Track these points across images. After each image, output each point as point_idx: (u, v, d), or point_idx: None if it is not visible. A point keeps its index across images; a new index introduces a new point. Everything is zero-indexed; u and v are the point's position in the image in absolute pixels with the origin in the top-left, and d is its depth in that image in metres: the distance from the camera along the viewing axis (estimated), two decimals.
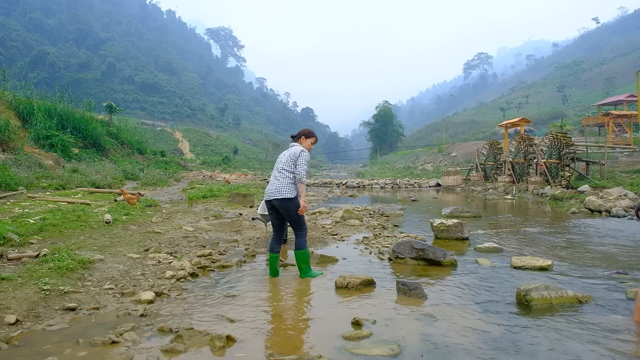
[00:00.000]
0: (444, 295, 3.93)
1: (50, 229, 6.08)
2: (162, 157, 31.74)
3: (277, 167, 4.50)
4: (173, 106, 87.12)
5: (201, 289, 4.06)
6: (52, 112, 20.68)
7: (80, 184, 12.90)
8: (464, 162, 32.03)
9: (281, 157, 4.54)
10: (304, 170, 4.36)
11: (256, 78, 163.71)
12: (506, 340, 2.92)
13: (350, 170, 63.58)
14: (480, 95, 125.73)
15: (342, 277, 4.19)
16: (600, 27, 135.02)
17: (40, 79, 66.60)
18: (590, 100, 60.08)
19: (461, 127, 66.86)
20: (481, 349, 2.79)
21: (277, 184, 4.38)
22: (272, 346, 2.79)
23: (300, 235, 4.48)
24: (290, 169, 4.38)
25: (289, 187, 4.35)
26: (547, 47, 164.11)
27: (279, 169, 4.44)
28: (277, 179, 4.41)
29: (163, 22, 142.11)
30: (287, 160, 4.43)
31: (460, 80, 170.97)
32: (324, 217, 9.64)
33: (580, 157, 18.05)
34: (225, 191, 13.92)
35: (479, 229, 8.01)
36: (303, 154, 4.41)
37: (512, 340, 2.91)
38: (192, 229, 7.29)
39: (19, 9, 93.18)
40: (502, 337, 2.96)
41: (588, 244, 6.59)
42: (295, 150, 4.45)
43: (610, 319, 3.29)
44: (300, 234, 4.48)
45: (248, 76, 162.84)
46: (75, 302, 3.50)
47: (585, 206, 10.99)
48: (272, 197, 4.38)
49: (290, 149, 4.50)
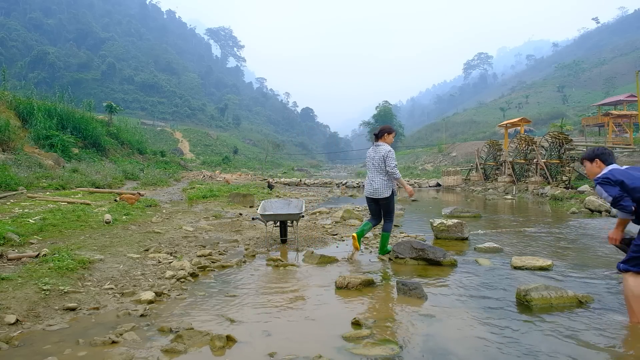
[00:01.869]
0: (444, 295, 3.93)
1: (50, 229, 6.08)
2: (162, 157, 31.74)
3: (371, 168, 5.24)
4: (173, 106, 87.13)
5: (201, 289, 4.07)
6: (52, 112, 20.67)
7: (80, 184, 12.90)
8: (464, 162, 32.05)
9: (372, 158, 5.26)
10: (395, 166, 5.12)
11: (256, 78, 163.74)
12: (506, 340, 2.92)
13: (350, 170, 63.51)
14: (480, 95, 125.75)
15: (342, 277, 4.19)
16: (600, 27, 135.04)
17: (40, 79, 66.61)
18: (590, 100, 60.10)
19: (461, 127, 66.87)
20: (481, 349, 2.79)
21: (374, 186, 5.22)
22: (272, 346, 2.78)
23: (389, 220, 5.41)
24: (382, 169, 5.14)
25: (385, 187, 5.18)
26: (547, 47, 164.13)
27: (373, 170, 5.22)
28: (374, 181, 5.23)
29: (163, 22, 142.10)
30: (378, 162, 5.17)
31: (460, 80, 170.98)
32: (324, 217, 9.64)
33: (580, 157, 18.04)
34: (225, 191, 13.91)
35: (479, 229, 8.01)
36: (390, 154, 5.13)
37: (512, 341, 2.90)
38: (192, 229, 7.29)
39: (19, 9, 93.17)
40: (502, 337, 2.95)
41: (588, 244, 6.59)
42: (383, 151, 5.16)
43: (610, 319, 3.29)
44: (389, 220, 5.41)
45: (248, 76, 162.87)
46: (75, 302, 3.50)
47: (585, 206, 10.98)
48: (372, 196, 5.29)
49: (378, 150, 5.21)
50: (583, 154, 3.48)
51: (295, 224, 6.27)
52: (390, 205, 5.29)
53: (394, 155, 5.18)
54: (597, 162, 3.31)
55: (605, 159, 3.28)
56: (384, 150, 5.15)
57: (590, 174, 3.37)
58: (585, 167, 3.44)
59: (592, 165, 3.34)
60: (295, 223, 6.24)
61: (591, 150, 3.39)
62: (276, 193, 16.12)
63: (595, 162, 3.32)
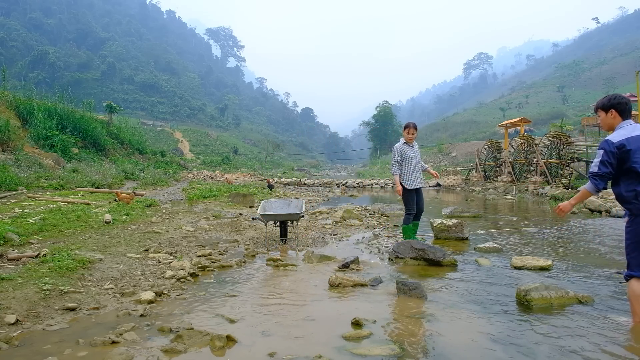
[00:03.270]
0: (444, 295, 3.93)
1: (50, 229, 6.08)
2: (162, 157, 31.74)
3: (415, 163, 6.08)
4: (173, 106, 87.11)
5: (201, 289, 4.06)
6: (52, 112, 20.67)
7: (80, 184, 12.90)
8: (464, 162, 32.04)
9: (415, 156, 6.14)
10: (393, 163, 6.16)
11: (256, 78, 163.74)
12: (506, 340, 2.91)
13: (350, 170, 63.51)
14: (480, 95, 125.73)
15: (342, 277, 4.19)
16: (600, 27, 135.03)
17: (40, 79, 66.59)
18: (590, 100, 60.06)
19: (461, 127, 66.83)
20: (481, 349, 2.79)
21: (420, 178, 6.17)
22: (272, 346, 2.78)
23: (405, 213, 6.35)
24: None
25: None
26: (547, 47, 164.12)
27: (417, 165, 6.11)
28: (419, 175, 6.17)
29: (163, 22, 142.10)
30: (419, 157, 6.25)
31: (460, 80, 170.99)
32: (324, 217, 9.63)
33: (580, 157, 18.06)
34: (225, 191, 13.91)
35: (479, 229, 8.01)
36: (392, 151, 6.34)
37: (512, 341, 2.90)
38: (192, 229, 7.29)
39: (19, 9, 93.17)
40: (502, 337, 2.95)
41: (588, 244, 6.59)
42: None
43: (610, 319, 3.29)
44: (405, 212, 6.39)
45: (248, 76, 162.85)
46: (75, 302, 3.50)
47: (585, 206, 10.98)
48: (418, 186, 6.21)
49: (416, 147, 6.24)
50: (597, 102, 3.14)
51: (295, 224, 6.27)
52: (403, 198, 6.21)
53: (394, 151, 6.10)
54: (612, 113, 3.00)
55: (622, 109, 2.96)
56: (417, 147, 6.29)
57: (604, 125, 3.06)
58: (599, 117, 3.10)
59: (607, 115, 3.02)
60: (295, 223, 6.24)
61: (607, 99, 3.05)
62: (276, 193, 16.12)
63: (611, 113, 3.01)
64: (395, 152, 6.11)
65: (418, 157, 6.19)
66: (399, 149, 6.08)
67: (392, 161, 6.08)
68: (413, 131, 6.07)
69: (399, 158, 6.05)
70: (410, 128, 6.06)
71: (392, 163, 6.11)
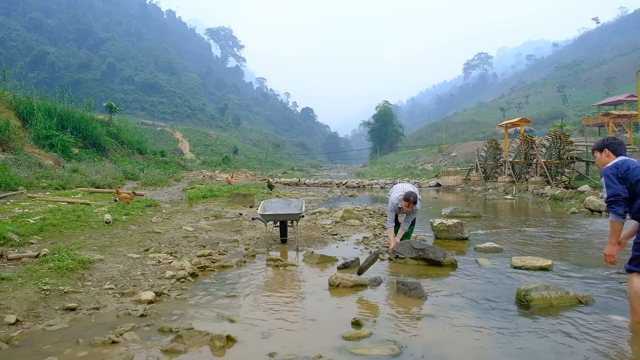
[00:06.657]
0: (444, 295, 3.93)
1: (50, 229, 6.08)
2: (162, 157, 31.71)
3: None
4: (173, 106, 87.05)
5: (201, 289, 4.06)
6: (52, 112, 20.65)
7: (80, 184, 12.89)
8: (464, 162, 32.02)
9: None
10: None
11: (256, 78, 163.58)
12: (506, 340, 2.92)
13: (350, 170, 63.53)
14: (480, 95, 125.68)
15: (342, 277, 4.19)
16: (600, 27, 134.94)
17: (40, 79, 66.52)
18: (590, 100, 60.07)
19: (461, 127, 66.79)
20: (481, 349, 2.79)
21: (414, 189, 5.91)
22: (272, 346, 2.78)
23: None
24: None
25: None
26: (547, 47, 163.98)
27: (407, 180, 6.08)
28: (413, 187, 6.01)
29: (163, 22, 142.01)
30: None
31: (460, 80, 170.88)
32: (324, 217, 9.64)
33: (580, 157, 18.06)
34: (225, 191, 13.91)
35: (479, 229, 8.01)
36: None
37: (512, 341, 2.91)
38: (192, 229, 7.29)
39: (19, 9, 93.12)
40: (502, 337, 2.95)
41: (588, 244, 6.59)
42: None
43: (610, 319, 3.29)
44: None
45: (248, 76, 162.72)
46: (75, 302, 3.50)
47: (585, 206, 10.98)
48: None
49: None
50: (593, 145, 3.40)
51: (295, 224, 6.27)
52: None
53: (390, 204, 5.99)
54: (606, 152, 3.22)
55: (614, 149, 3.19)
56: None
57: (600, 165, 3.27)
58: (595, 158, 3.34)
59: (602, 155, 3.24)
60: (295, 223, 6.24)
61: (600, 141, 3.31)
62: (276, 193, 16.11)
63: (605, 152, 3.22)
64: (390, 205, 5.90)
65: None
66: (394, 205, 5.83)
67: (387, 210, 5.95)
68: (412, 206, 5.57)
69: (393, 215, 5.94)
70: (410, 203, 5.52)
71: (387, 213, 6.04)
